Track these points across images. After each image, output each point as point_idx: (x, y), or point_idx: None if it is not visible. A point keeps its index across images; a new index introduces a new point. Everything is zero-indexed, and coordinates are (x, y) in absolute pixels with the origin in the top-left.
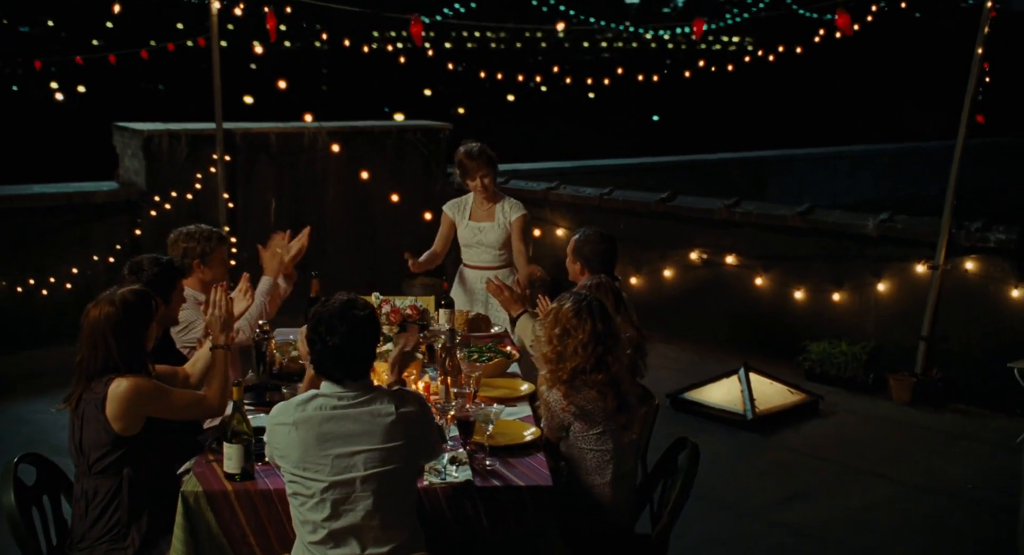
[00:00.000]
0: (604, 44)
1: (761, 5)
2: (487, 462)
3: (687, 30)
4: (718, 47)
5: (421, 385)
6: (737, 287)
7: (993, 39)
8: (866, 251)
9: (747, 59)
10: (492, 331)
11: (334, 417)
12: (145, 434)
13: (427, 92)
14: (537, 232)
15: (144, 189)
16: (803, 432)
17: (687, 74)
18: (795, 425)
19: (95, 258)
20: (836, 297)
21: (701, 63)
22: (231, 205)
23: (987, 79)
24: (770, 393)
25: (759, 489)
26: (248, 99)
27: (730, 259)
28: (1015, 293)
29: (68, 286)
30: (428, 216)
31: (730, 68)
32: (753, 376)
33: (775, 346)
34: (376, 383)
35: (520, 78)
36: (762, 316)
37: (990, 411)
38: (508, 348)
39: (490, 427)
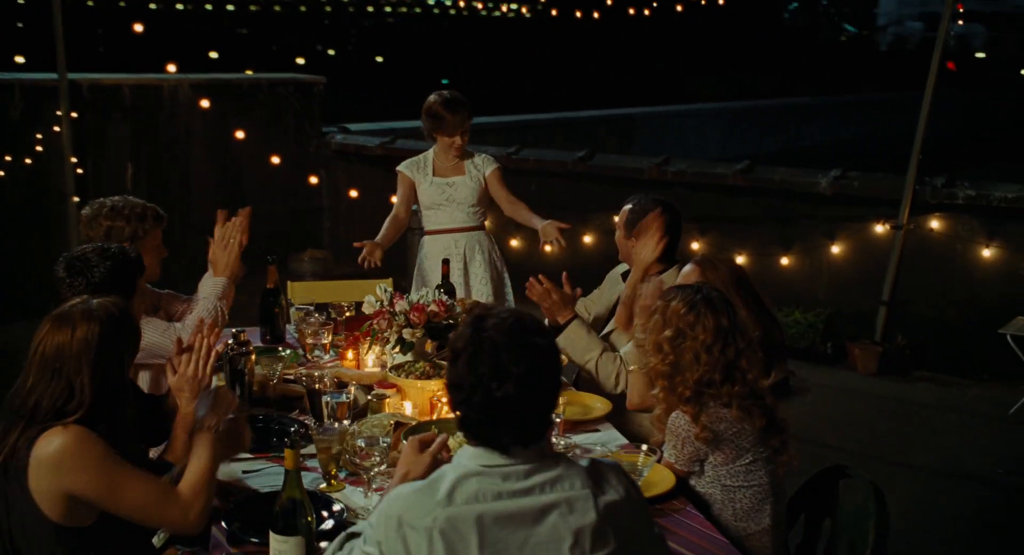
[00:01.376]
0: (388, 9)
1: None
2: None
3: None
4: (498, 14)
5: None
6: None
7: None
8: (817, 211)
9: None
10: None
11: (502, 514)
12: (103, 522)
13: (213, 54)
14: None
15: None
16: (784, 413)
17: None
18: None
19: None
20: (784, 261)
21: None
22: (80, 171)
23: (960, 22)
24: None
25: None
26: None
27: None
28: (985, 253)
29: None
30: (314, 180)
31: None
32: None
33: None
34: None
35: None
36: None
37: (959, 378)
38: None
39: (639, 482)
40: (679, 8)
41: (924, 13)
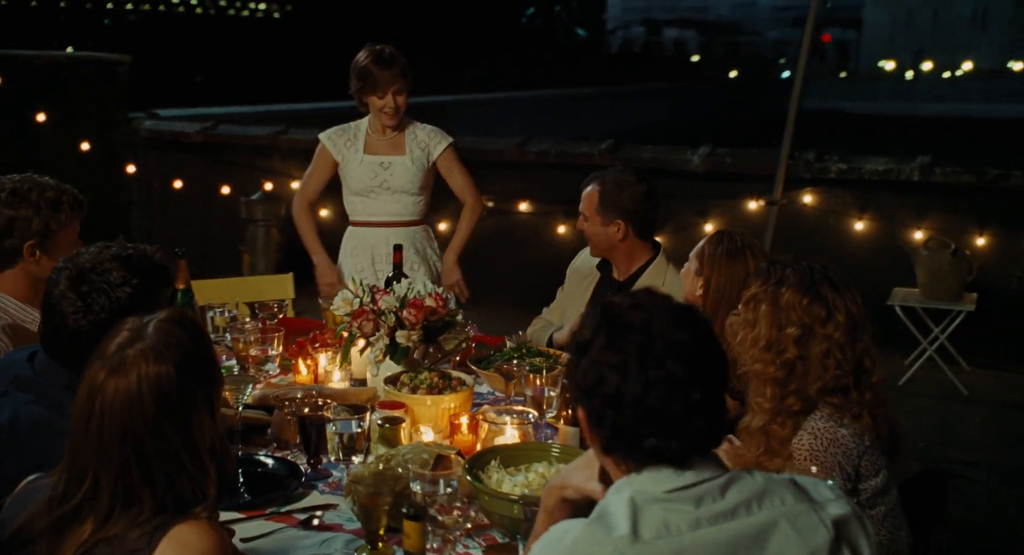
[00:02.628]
0: (130, 6)
1: None
2: None
3: None
4: (246, 13)
5: (514, 437)
6: (535, 237)
7: None
8: (688, 188)
9: None
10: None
11: (709, 545)
12: None
13: None
14: (269, 185)
15: None
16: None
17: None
18: None
19: None
20: (657, 241)
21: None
22: None
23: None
24: None
25: None
26: None
27: (524, 206)
28: (858, 225)
29: None
30: (131, 169)
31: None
32: None
33: None
34: None
35: None
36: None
37: None
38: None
39: None
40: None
41: (646, 19)
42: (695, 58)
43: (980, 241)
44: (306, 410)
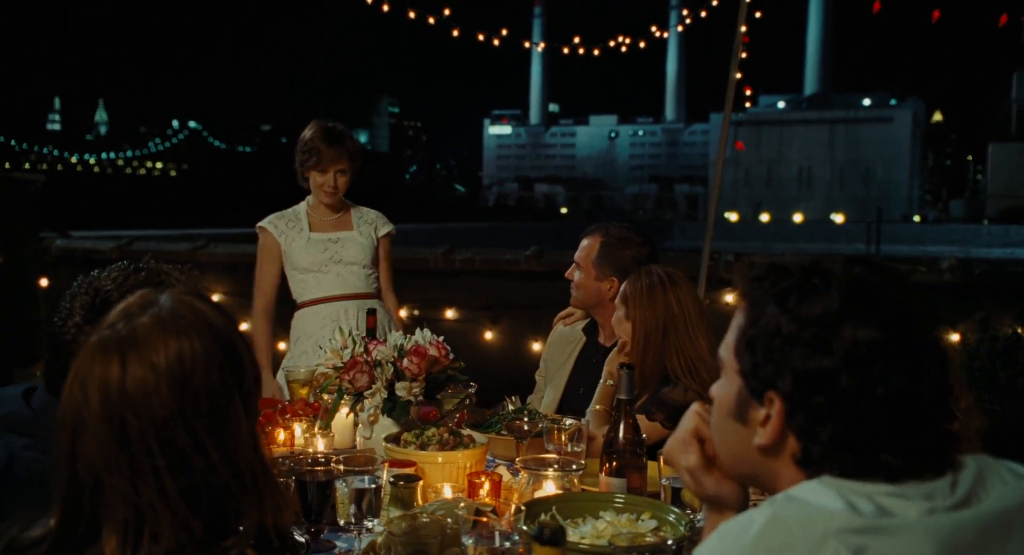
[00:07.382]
0: (27, 166)
1: (181, 137)
2: None
3: (112, 155)
4: (143, 172)
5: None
6: (461, 343)
7: None
8: None
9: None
10: None
11: (948, 528)
12: None
13: None
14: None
15: None
16: None
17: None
18: None
19: None
20: None
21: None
22: None
23: (747, 92)
24: None
25: None
26: None
27: (450, 313)
28: None
29: None
30: (45, 282)
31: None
32: None
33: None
34: None
35: None
36: (497, 372)
37: None
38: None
39: None
40: None
41: (518, 177)
42: (564, 210)
43: None
44: (309, 468)
